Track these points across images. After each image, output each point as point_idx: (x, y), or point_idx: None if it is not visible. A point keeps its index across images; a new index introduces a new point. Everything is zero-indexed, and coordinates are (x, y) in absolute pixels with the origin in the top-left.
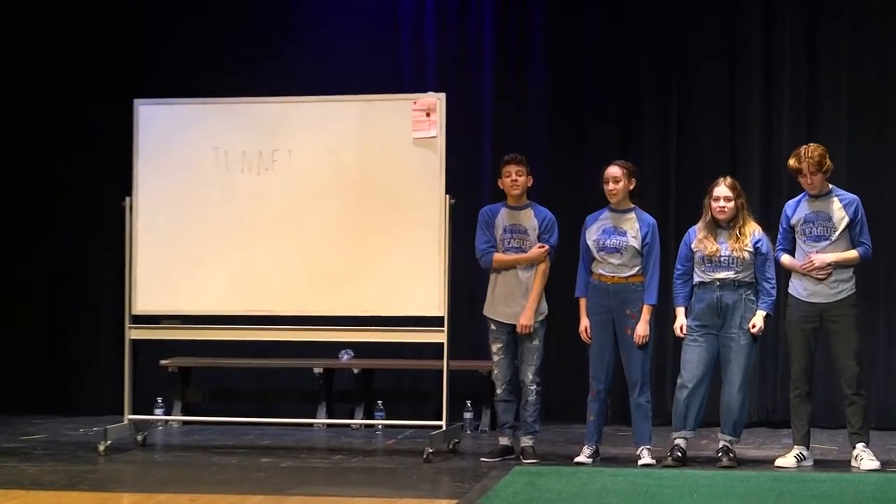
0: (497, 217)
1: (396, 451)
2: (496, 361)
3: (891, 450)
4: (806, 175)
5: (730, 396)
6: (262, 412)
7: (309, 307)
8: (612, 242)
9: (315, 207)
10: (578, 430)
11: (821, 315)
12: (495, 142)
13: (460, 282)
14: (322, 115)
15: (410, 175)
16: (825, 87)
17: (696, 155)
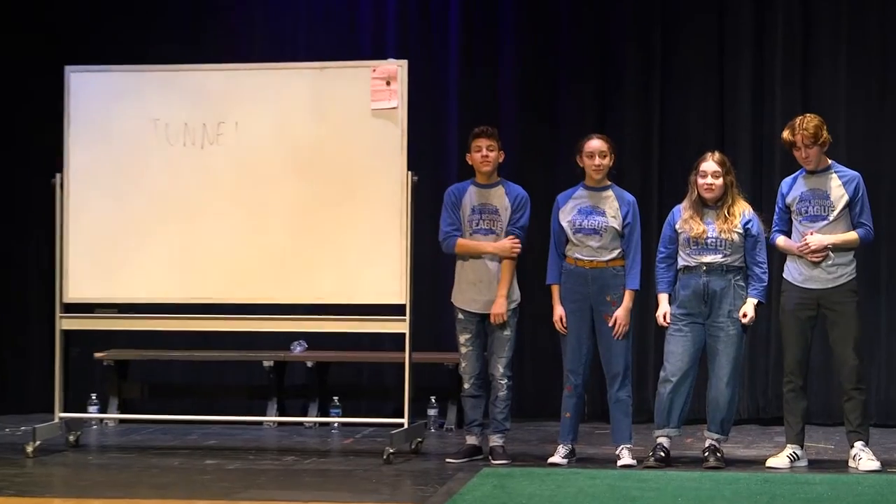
0: (465, 196)
1: (354, 452)
2: (464, 353)
3: (892, 449)
4: (800, 148)
5: (717, 391)
6: (206, 409)
7: (258, 294)
8: (591, 223)
9: (264, 185)
10: (553, 427)
11: (818, 302)
12: (462, 114)
13: (424, 267)
14: (272, 83)
15: (369, 150)
16: (822, 53)
17: (681, 127)
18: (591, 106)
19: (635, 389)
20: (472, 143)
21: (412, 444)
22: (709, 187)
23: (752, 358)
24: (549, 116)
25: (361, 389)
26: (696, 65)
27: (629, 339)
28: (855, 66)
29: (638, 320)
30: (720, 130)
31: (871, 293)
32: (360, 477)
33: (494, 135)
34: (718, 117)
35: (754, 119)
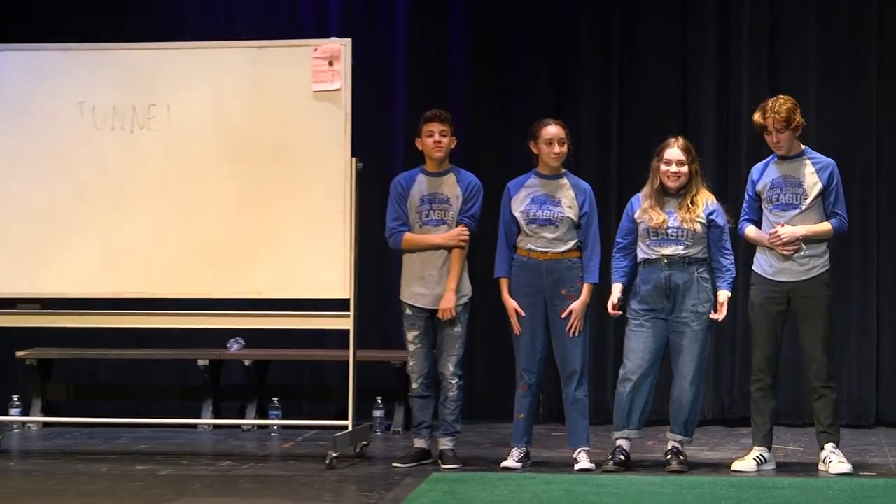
0: (413, 186)
1: (295, 456)
2: (412, 351)
3: (864, 451)
4: (772, 133)
5: (681, 390)
6: (137, 411)
7: (192, 289)
8: (545, 213)
9: (198, 172)
10: (506, 429)
11: (788, 296)
12: (409, 97)
13: (369, 259)
14: (206, 64)
15: (310, 134)
16: (791, 35)
17: (642, 113)
18: (546, 90)
19: (593, 389)
20: (422, 127)
21: (357, 448)
22: (673, 175)
23: (717, 355)
24: (502, 101)
25: (303, 390)
26: (657, 46)
27: (586, 336)
28: (825, 50)
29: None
30: (683, 116)
31: (842, 287)
32: (301, 483)
33: (447, 119)
34: (681, 102)
35: (719, 104)
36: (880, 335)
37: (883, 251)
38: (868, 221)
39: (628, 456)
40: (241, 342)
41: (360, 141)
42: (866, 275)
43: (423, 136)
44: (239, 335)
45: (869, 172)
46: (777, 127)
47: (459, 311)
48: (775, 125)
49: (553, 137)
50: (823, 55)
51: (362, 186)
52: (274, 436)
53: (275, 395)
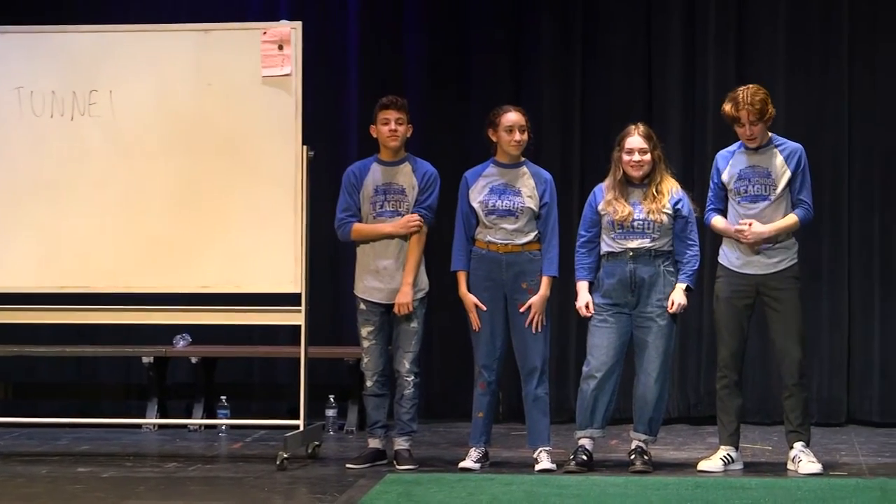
0: (367, 176)
1: (244, 457)
2: (366, 348)
3: (834, 450)
4: (745, 125)
5: (645, 388)
6: (78, 411)
7: (136, 283)
8: (505, 204)
9: (142, 161)
10: (464, 429)
11: (756, 289)
12: (363, 82)
13: (321, 252)
14: (150, 48)
15: (259, 122)
16: (759, 18)
17: (604, 99)
18: (505, 76)
19: (554, 386)
20: (378, 114)
21: (308, 449)
22: (636, 165)
23: (682, 351)
24: (460, 87)
25: (252, 388)
26: (620, 30)
27: (547, 331)
28: (795, 32)
29: (557, 310)
30: (647, 102)
31: (811, 281)
32: (251, 485)
33: (404, 106)
34: (645, 88)
35: (685, 90)
36: (851, 330)
37: (854, 243)
38: (839, 212)
39: (591, 456)
40: (188, 338)
41: (311, 128)
42: (837, 268)
43: (378, 124)
44: (185, 331)
45: (840, 161)
46: (751, 119)
47: (416, 306)
48: (750, 118)
49: (513, 124)
50: (793, 36)
51: (314, 176)
52: (222, 436)
53: (223, 394)
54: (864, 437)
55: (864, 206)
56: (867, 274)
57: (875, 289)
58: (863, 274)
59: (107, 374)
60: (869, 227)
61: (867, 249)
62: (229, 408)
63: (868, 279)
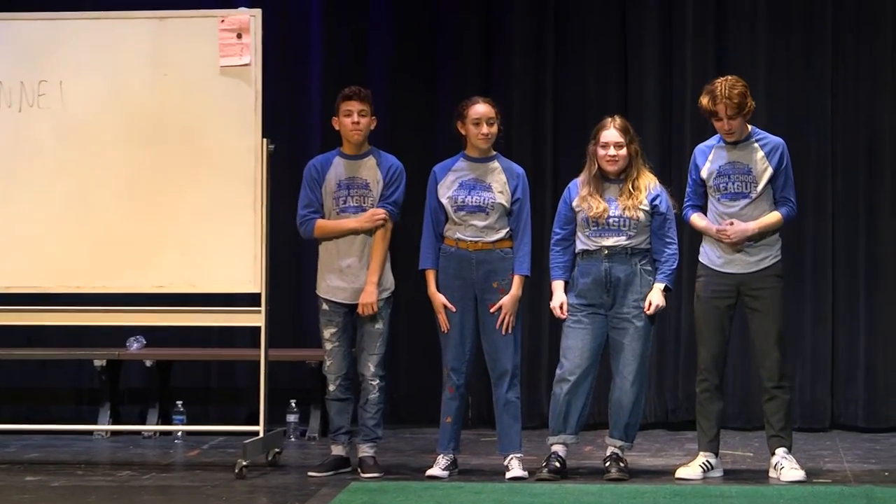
0: (329, 170)
1: (201, 465)
2: (329, 350)
3: (818, 456)
4: (722, 119)
5: (621, 392)
6: (27, 417)
7: (87, 283)
8: (475, 199)
9: (94, 155)
10: (431, 435)
11: (738, 289)
12: (326, 72)
13: (282, 250)
14: (103, 36)
15: (217, 114)
16: (739, 4)
17: (579, 90)
18: (474, 66)
19: (526, 390)
20: (340, 105)
21: (269, 456)
22: (611, 159)
23: (659, 353)
24: (427, 78)
25: (209, 392)
26: (594, 16)
27: (518, 333)
28: (777, 17)
29: (529, 310)
30: (623, 94)
31: (794, 279)
32: (209, 494)
33: (367, 98)
34: (621, 80)
35: (661, 80)
36: (835, 331)
37: (839, 240)
38: (823, 208)
39: (564, 463)
40: (142, 341)
41: (272, 121)
42: (821, 266)
43: (340, 116)
44: (139, 333)
45: (823, 156)
46: (730, 114)
47: (381, 307)
48: (728, 112)
49: (481, 117)
50: (774, 25)
51: (275, 170)
52: (178, 443)
53: (179, 399)
54: (849, 442)
55: (848, 201)
56: (852, 272)
57: (860, 287)
58: (847, 272)
59: (57, 379)
60: (854, 223)
61: (852, 246)
62: (185, 413)
63: (853, 277)
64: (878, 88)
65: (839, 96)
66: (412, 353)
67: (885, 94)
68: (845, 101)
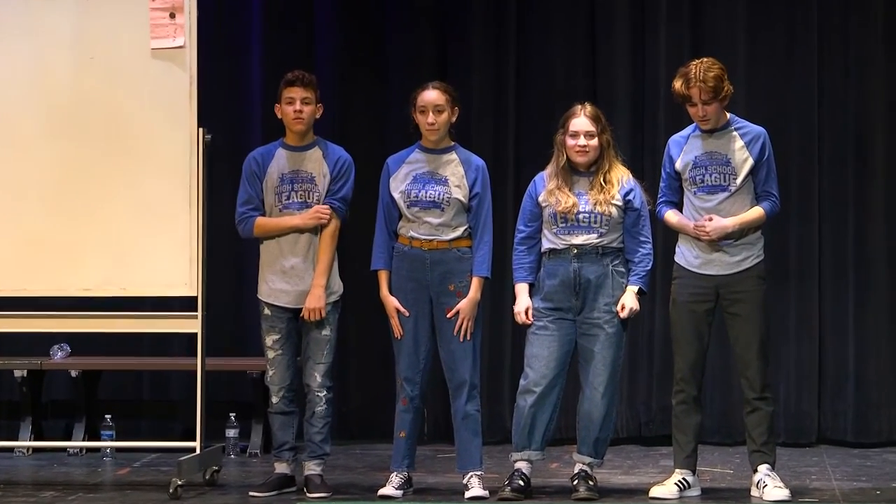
0: (271, 163)
1: (132, 484)
2: (271, 359)
3: (804, 473)
4: (697, 105)
5: (591, 404)
6: None
7: (6, 285)
8: (429, 194)
9: (13, 147)
10: (384, 451)
11: (717, 291)
12: (267, 55)
13: (221, 250)
14: (21, 17)
15: (149, 101)
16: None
17: (544, 76)
18: (429, 47)
19: (487, 402)
20: (282, 91)
21: (206, 474)
22: (581, 150)
23: (631, 362)
24: (377, 61)
25: (141, 405)
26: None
27: (478, 340)
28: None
29: (490, 316)
30: (591, 80)
31: (778, 281)
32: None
33: (311, 84)
34: (589, 63)
35: (632, 64)
36: (822, 339)
37: (825, 239)
38: (808, 204)
39: (528, 481)
40: (67, 349)
41: (208, 109)
42: (806, 267)
43: (282, 104)
44: (64, 341)
45: (809, 147)
46: (704, 98)
47: (328, 311)
48: (702, 96)
49: (427, 105)
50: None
51: (212, 163)
52: (107, 460)
53: (108, 412)
54: (838, 458)
55: (836, 197)
56: (840, 273)
57: (849, 290)
58: (835, 273)
59: None
60: (842, 221)
61: (840, 246)
62: (115, 428)
63: (841, 279)
64: (867, 77)
65: (825, 85)
66: (363, 363)
67: (874, 84)
68: (832, 90)
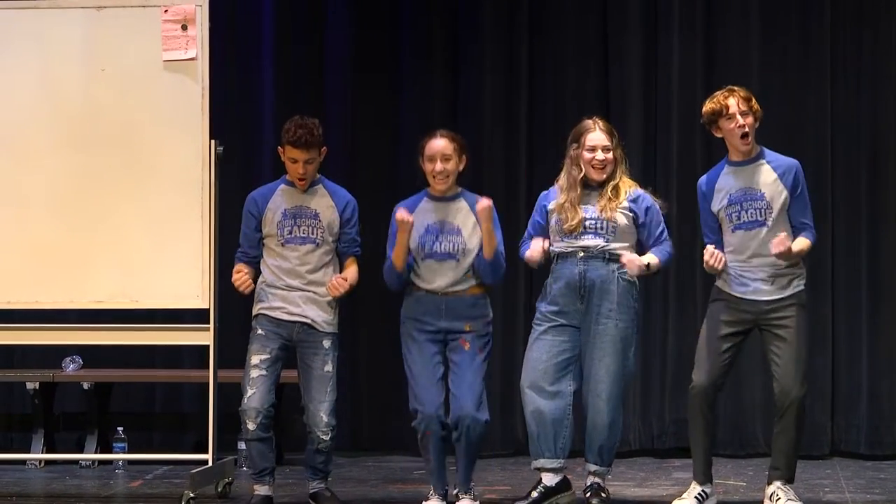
0: (272, 199)
1: (144, 497)
2: (254, 379)
3: (817, 486)
4: (734, 116)
5: (594, 411)
6: None
7: (18, 297)
8: (444, 246)
9: (24, 158)
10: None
11: (756, 321)
12: (280, 67)
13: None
14: (32, 28)
15: (160, 113)
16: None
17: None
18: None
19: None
20: (285, 147)
21: (219, 487)
22: (600, 164)
23: (644, 375)
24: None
25: (153, 418)
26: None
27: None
28: (771, 15)
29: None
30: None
31: None
32: None
33: (315, 143)
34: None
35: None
36: (836, 351)
37: (839, 251)
38: (822, 218)
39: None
40: (79, 361)
41: (220, 121)
42: (819, 279)
43: (285, 158)
44: (76, 353)
45: (822, 161)
46: (742, 108)
47: (328, 347)
48: (740, 106)
49: (435, 154)
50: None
51: (224, 175)
52: (119, 472)
53: (120, 425)
54: (851, 471)
55: (849, 210)
56: (853, 285)
57: (862, 302)
58: (848, 285)
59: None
60: (855, 233)
61: (853, 258)
62: (127, 440)
63: (854, 291)
64: (880, 90)
65: (838, 98)
66: (374, 376)
67: (888, 96)
68: (845, 103)
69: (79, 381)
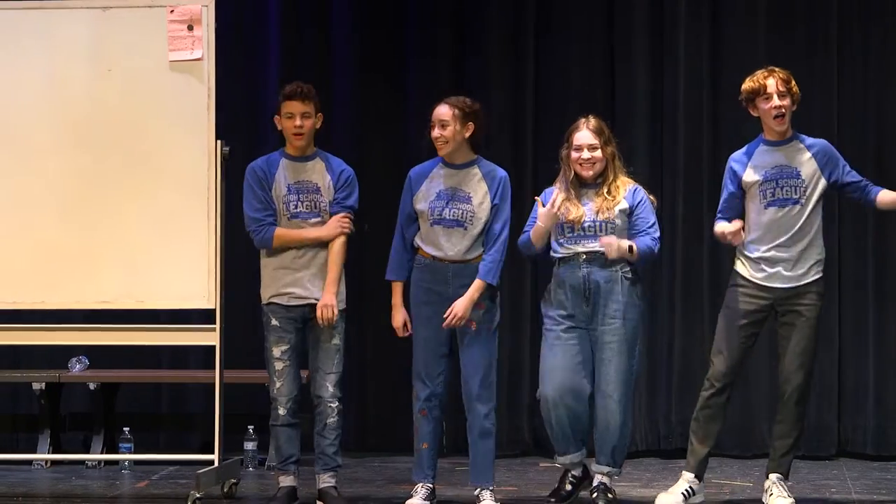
0: (276, 172)
1: (150, 497)
2: (279, 371)
3: (823, 486)
4: (772, 96)
5: (605, 412)
6: None
7: (24, 298)
8: (453, 213)
9: (30, 158)
10: (402, 463)
11: (774, 306)
12: (285, 68)
13: (238, 262)
14: (39, 28)
15: (166, 113)
16: None
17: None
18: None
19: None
20: (282, 105)
21: (225, 487)
22: (586, 163)
23: (650, 376)
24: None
25: (159, 418)
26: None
27: (495, 356)
28: (777, 13)
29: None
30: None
31: None
32: None
33: (311, 97)
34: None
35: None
36: (842, 352)
37: (846, 248)
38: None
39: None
40: (85, 361)
41: (226, 121)
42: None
43: (282, 117)
44: (82, 353)
45: None
46: (780, 89)
47: (338, 321)
48: (778, 87)
49: (434, 119)
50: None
51: (229, 175)
52: (125, 473)
53: (126, 425)
54: (857, 471)
55: (856, 209)
56: (860, 283)
57: (869, 300)
58: (855, 283)
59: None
60: (862, 230)
61: (860, 255)
62: (133, 441)
63: (861, 289)
64: (887, 85)
65: (844, 96)
66: (380, 374)
67: (894, 96)
68: (851, 100)
69: (85, 381)
